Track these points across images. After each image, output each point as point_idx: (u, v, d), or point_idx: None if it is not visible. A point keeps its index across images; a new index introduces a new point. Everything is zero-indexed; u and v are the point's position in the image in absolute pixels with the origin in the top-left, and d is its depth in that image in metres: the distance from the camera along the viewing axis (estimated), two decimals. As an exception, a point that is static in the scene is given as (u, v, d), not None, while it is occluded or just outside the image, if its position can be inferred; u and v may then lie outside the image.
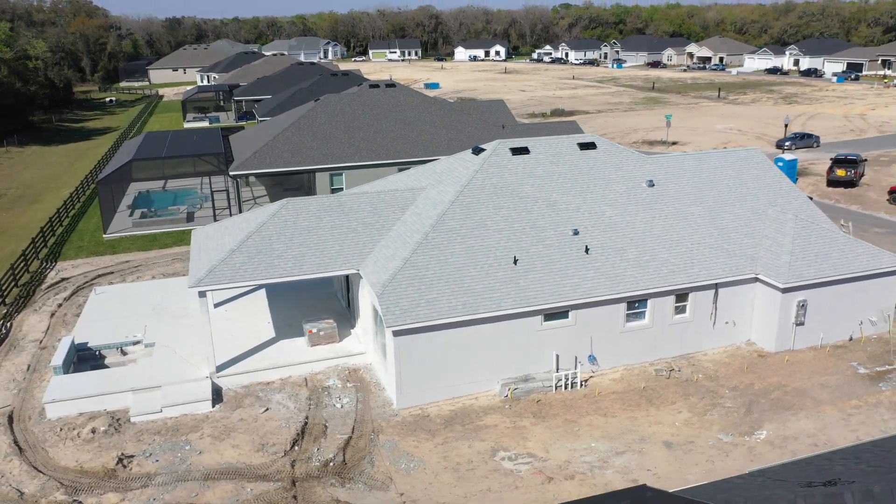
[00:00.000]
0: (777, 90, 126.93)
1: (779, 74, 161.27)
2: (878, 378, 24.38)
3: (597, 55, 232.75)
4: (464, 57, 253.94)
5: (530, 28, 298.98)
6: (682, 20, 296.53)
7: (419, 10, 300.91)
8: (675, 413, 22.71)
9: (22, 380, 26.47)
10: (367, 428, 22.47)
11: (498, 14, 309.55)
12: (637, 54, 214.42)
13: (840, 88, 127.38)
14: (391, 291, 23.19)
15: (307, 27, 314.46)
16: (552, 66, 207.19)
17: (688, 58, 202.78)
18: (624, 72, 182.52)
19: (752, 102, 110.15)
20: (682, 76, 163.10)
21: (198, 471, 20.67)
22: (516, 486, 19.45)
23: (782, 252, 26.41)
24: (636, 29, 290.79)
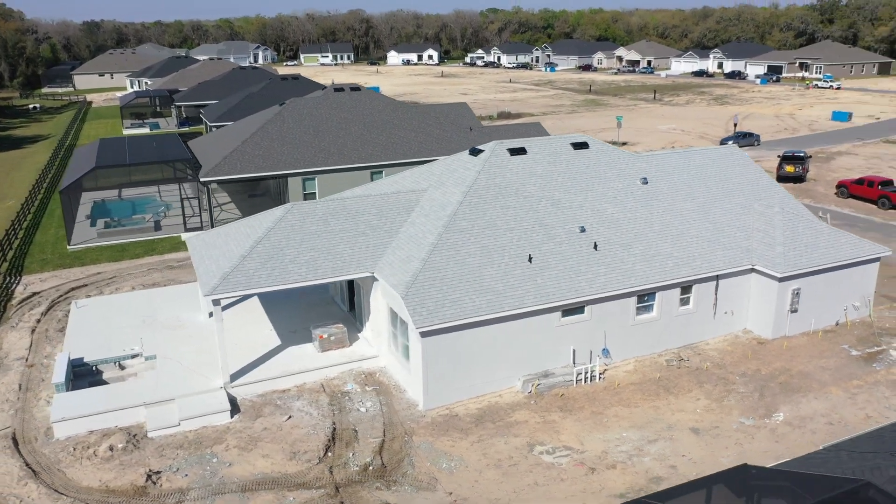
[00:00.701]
0: (707, 92, 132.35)
1: (705, 77, 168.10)
2: (871, 359, 25.96)
3: (529, 59, 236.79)
4: (397, 61, 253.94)
5: (461, 32, 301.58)
6: (608, 25, 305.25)
7: (349, 14, 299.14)
8: (693, 401, 23.57)
9: (16, 400, 25.12)
10: (399, 430, 22.40)
11: (428, 18, 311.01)
12: (568, 58, 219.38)
13: (765, 90, 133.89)
14: (415, 293, 23.20)
15: (234, 31, 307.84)
16: (487, 70, 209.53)
17: (617, 61, 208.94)
18: (558, 75, 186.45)
19: (687, 104, 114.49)
20: (615, 79, 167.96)
21: (232, 483, 20.17)
22: (561, 478, 19.82)
23: (775, 243, 27.79)
24: (564, 33, 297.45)
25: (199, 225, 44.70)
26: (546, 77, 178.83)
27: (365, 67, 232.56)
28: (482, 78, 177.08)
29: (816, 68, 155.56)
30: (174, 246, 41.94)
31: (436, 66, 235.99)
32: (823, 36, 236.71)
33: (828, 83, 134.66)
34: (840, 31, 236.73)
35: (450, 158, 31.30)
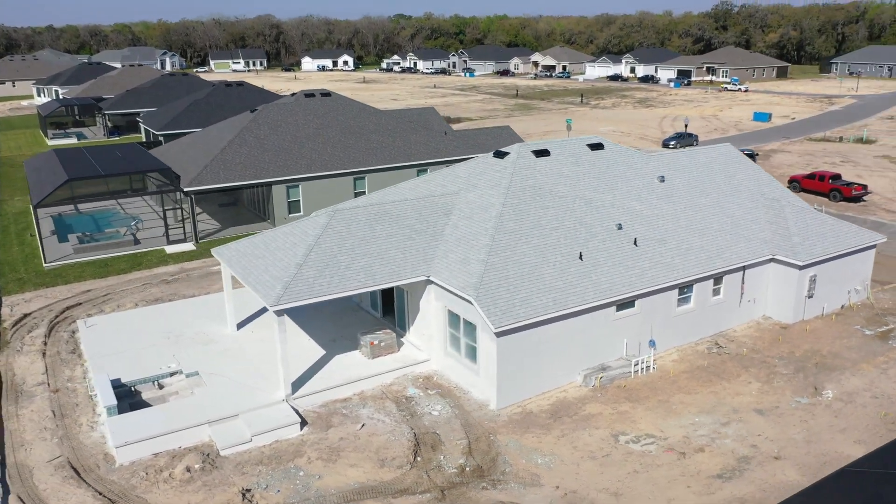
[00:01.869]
0: (629, 95, 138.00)
1: (620, 81, 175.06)
2: (885, 337, 28.22)
3: (446, 64, 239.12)
4: (312, 67, 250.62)
5: (373, 38, 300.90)
6: (517, 31, 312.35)
7: (258, 20, 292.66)
8: (745, 384, 24.94)
9: (55, 427, 23.57)
10: (479, 431, 22.56)
11: (340, 24, 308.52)
12: (485, 63, 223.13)
13: (681, 93, 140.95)
14: (484, 294, 23.44)
15: (135, 36, 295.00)
16: (407, 76, 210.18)
17: (533, 66, 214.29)
18: (479, 80, 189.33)
19: (613, 107, 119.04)
20: (537, 83, 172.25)
21: (331, 494, 19.78)
22: (656, 464, 20.59)
23: (790, 234, 29.73)
24: (476, 39, 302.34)
25: (183, 237, 42.96)
26: (468, 82, 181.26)
27: (280, 73, 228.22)
28: (405, 83, 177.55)
29: (723, 72, 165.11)
30: (161, 259, 40.15)
31: (353, 72, 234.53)
32: (719, 42, 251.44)
33: (736, 86, 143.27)
34: (734, 37, 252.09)
35: (473, 161, 31.63)
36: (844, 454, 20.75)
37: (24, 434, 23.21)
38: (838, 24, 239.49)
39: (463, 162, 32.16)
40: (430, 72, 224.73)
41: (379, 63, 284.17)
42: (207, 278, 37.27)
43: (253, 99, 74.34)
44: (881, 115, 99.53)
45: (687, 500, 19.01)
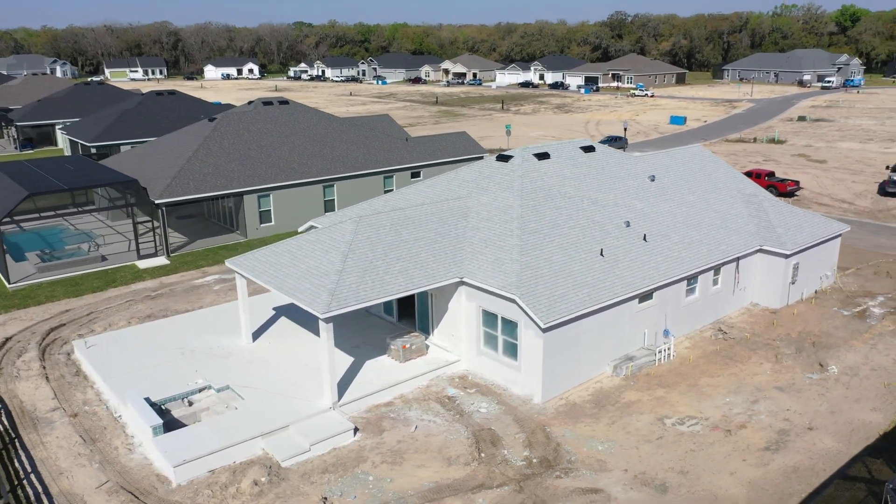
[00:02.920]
0: (545, 101, 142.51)
1: (531, 88, 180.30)
2: (862, 317, 31.10)
3: (355, 72, 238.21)
4: (216, 75, 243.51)
5: (277, 46, 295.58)
6: (422, 39, 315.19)
7: (155, 27, 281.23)
8: (758, 365, 26.91)
9: (90, 452, 22.46)
10: (532, 424, 23.29)
11: (241, 31, 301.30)
12: (395, 71, 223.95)
13: (594, 98, 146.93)
14: (526, 292, 24.22)
15: (18, 44, 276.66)
16: (319, 84, 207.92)
17: (444, 74, 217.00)
18: (392, 87, 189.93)
19: (534, 112, 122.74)
20: (452, 90, 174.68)
21: (410, 496, 19.98)
22: (710, 442, 22.00)
23: (773, 226, 32.21)
24: (381, 47, 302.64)
25: (154, 251, 41.29)
26: (383, 90, 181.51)
27: (183, 82, 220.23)
28: (319, 91, 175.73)
29: (627, 79, 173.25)
30: (136, 275, 38.49)
31: (260, 80, 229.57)
32: (616, 50, 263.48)
33: (643, 92, 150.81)
34: (629, 45, 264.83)
35: (476, 165, 32.35)
36: (866, 421, 22.90)
37: (58, 462, 21.98)
38: (724, 33, 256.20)
39: (465, 166, 32.82)
40: (340, 80, 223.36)
41: (284, 71, 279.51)
42: (193, 292, 36.10)
43: (187, 108, 72.04)
44: (781, 118, 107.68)
45: (746, 473, 20.49)
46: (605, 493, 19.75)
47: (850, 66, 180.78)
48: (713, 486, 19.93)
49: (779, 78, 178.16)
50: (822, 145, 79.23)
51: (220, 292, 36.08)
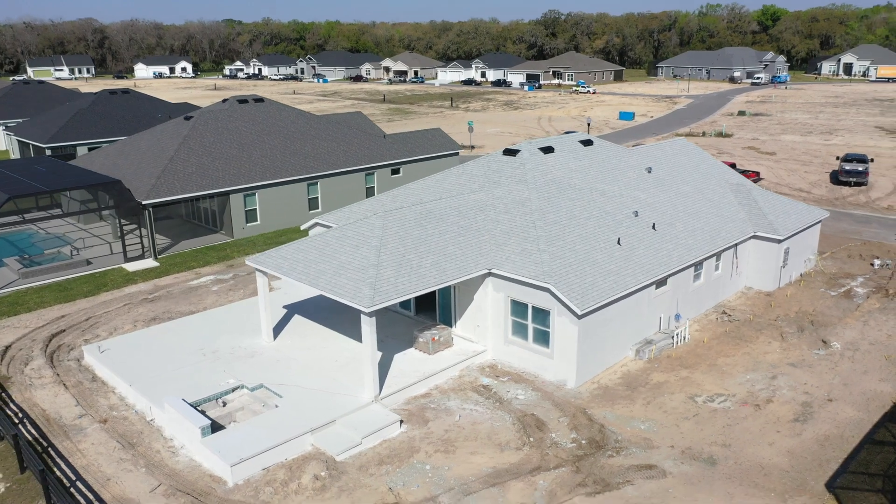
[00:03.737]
0: (492, 98, 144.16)
1: (474, 85, 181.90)
2: (848, 296, 33.20)
3: (293, 70, 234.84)
4: (147, 74, 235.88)
5: (209, 44, 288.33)
6: (358, 37, 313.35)
7: (79, 24, 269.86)
8: (767, 344, 28.45)
9: (132, 458, 21.98)
10: (571, 408, 24.04)
11: (171, 29, 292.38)
12: (335, 69, 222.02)
13: (538, 95, 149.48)
14: (559, 281, 24.96)
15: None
16: (259, 83, 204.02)
17: (384, 72, 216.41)
18: (334, 86, 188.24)
19: (483, 110, 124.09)
20: (397, 88, 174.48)
21: (472, 482, 20.42)
22: (743, 417, 23.23)
23: (764, 213, 33.98)
24: (317, 45, 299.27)
25: (141, 253, 40.16)
26: (325, 88, 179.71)
27: (112, 81, 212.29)
28: (261, 90, 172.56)
29: (568, 76, 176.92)
30: (126, 279, 37.42)
31: (195, 79, 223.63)
32: (551, 48, 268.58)
33: (585, 89, 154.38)
34: (563, 43, 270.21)
35: (483, 160, 32.89)
36: (878, 391, 24.63)
37: (102, 468, 21.43)
38: (654, 31, 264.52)
39: (471, 161, 33.31)
40: (279, 78, 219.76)
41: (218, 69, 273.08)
42: (193, 294, 35.39)
43: (144, 107, 69.96)
44: (721, 113, 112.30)
45: (783, 443, 21.79)
46: (659, 469, 20.67)
47: (776, 64, 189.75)
48: (756, 457, 21.12)
49: (710, 74, 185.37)
50: (766, 138, 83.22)
51: (219, 293, 35.49)
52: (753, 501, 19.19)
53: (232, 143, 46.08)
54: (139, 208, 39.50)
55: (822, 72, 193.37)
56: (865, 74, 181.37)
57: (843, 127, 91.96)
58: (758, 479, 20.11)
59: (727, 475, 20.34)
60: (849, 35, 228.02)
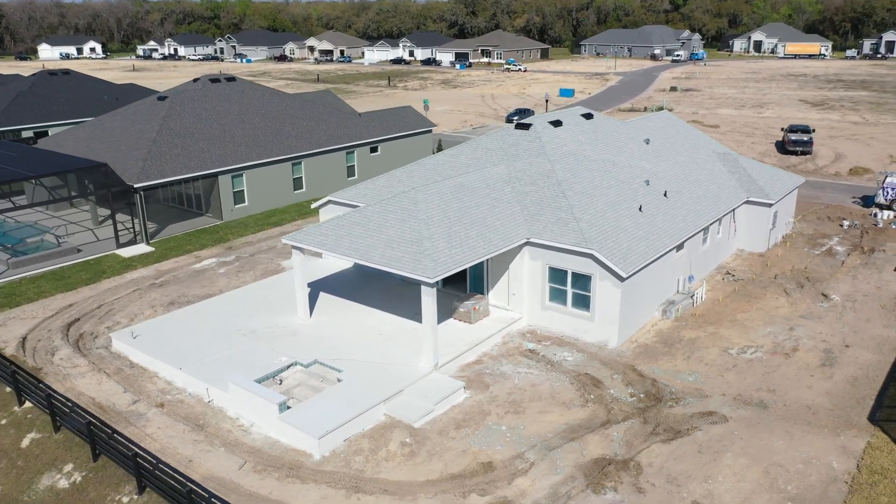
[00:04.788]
0: (428, 77, 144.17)
1: (404, 64, 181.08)
2: (830, 254, 36.03)
3: (211, 50, 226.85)
4: (53, 55, 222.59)
5: (116, 23, 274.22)
6: (275, 15, 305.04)
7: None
8: (774, 300, 30.70)
9: (205, 439, 21.90)
10: (620, 366, 25.41)
11: (73, 7, 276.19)
12: (257, 49, 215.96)
13: (473, 74, 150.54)
14: (601, 247, 26.19)
15: None
16: (178, 63, 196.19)
17: (309, 51, 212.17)
18: (259, 66, 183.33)
19: (422, 88, 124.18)
20: (327, 68, 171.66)
21: (552, 438, 21.46)
22: (776, 365, 25.22)
23: (753, 180, 36.30)
24: (233, 24, 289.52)
25: (133, 238, 38.88)
26: (251, 68, 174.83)
27: (18, 63, 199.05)
28: (183, 70, 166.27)
29: (497, 54, 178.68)
30: (124, 265, 36.26)
31: (107, 60, 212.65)
32: (471, 27, 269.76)
33: (516, 67, 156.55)
34: (484, 22, 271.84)
35: (497, 134, 33.64)
36: (885, 335, 27.18)
37: (179, 451, 21.27)
38: (573, 10, 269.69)
39: (483, 136, 34.00)
40: (197, 58, 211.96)
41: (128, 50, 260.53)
42: (202, 276, 34.74)
43: (88, 88, 66.74)
44: (654, 89, 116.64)
45: (819, 385, 23.88)
46: (719, 414, 22.32)
47: (693, 42, 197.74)
48: (801, 399, 23.10)
49: (632, 52, 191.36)
50: (705, 112, 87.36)
51: (228, 275, 34.97)
52: (811, 437, 21.10)
53: (212, 123, 44.95)
54: (130, 192, 38.18)
55: (734, 49, 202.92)
56: (774, 51, 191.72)
57: (771, 101, 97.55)
58: (808, 418, 22.06)
59: (780, 416, 22.20)
60: (755, 14, 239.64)
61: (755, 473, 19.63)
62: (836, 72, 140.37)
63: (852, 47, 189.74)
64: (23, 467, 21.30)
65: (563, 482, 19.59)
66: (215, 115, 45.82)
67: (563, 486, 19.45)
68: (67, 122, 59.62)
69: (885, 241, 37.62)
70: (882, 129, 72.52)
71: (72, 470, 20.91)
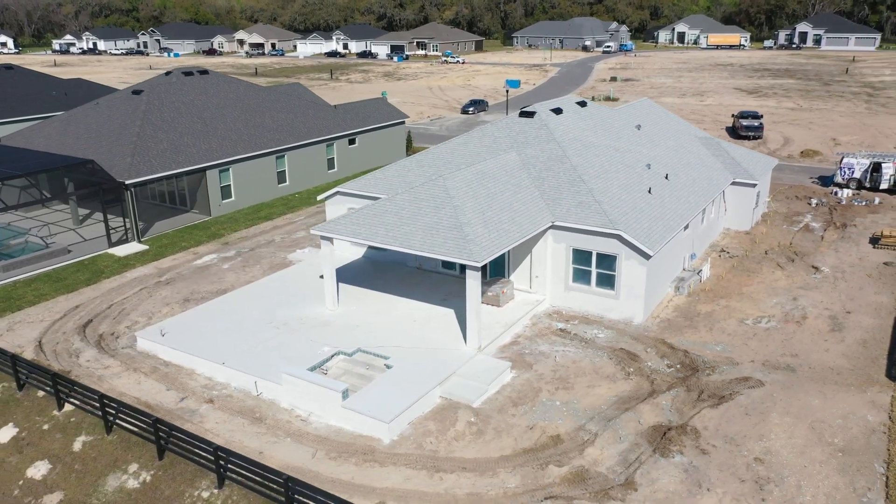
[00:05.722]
0: (368, 70, 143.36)
1: (339, 57, 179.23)
2: (808, 230, 38.50)
3: (134, 44, 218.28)
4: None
5: (27, 16, 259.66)
6: (197, 8, 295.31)
7: None
8: (771, 273, 32.70)
9: (266, 431, 21.89)
10: (649, 340, 26.68)
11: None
12: (183, 42, 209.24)
13: (414, 66, 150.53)
14: (626, 228, 27.36)
15: None
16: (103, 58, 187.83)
17: (238, 45, 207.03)
18: (189, 59, 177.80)
19: (365, 81, 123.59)
20: (261, 62, 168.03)
21: (607, 409, 22.48)
22: (793, 332, 27.04)
23: (737, 162, 38.36)
24: (153, 17, 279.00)
25: (125, 236, 37.69)
26: (181, 62, 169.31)
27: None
28: (110, 65, 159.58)
29: (433, 46, 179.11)
30: (122, 264, 35.22)
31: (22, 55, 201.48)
32: (400, 19, 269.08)
33: (454, 59, 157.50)
34: (413, 14, 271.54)
35: (502, 122, 34.36)
36: (879, 301, 29.48)
37: (245, 444, 21.21)
38: (500, 2, 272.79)
39: (488, 124, 34.64)
40: (121, 53, 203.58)
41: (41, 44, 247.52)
42: (208, 273, 34.14)
43: (33, 84, 63.80)
44: (595, 79, 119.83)
45: (834, 348, 25.79)
46: (754, 379, 23.86)
47: (620, 33, 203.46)
48: (823, 361, 24.93)
49: (564, 44, 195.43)
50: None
51: (234, 270, 34.49)
52: (842, 395, 22.88)
53: (193, 117, 43.92)
54: (120, 189, 37.02)
55: (659, 40, 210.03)
56: (697, 42, 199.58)
57: (709, 89, 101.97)
58: (834, 378, 23.87)
59: (809, 378, 23.93)
60: (675, 6, 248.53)
61: (802, 430, 21.20)
62: (759, 61, 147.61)
63: (768, 38, 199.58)
64: (81, 471, 20.76)
65: (630, 449, 20.64)
66: (195, 109, 44.76)
67: (631, 452, 20.50)
68: (17, 120, 56.77)
69: (854, 217, 40.49)
70: (818, 115, 77.17)
71: (138, 469, 20.53)
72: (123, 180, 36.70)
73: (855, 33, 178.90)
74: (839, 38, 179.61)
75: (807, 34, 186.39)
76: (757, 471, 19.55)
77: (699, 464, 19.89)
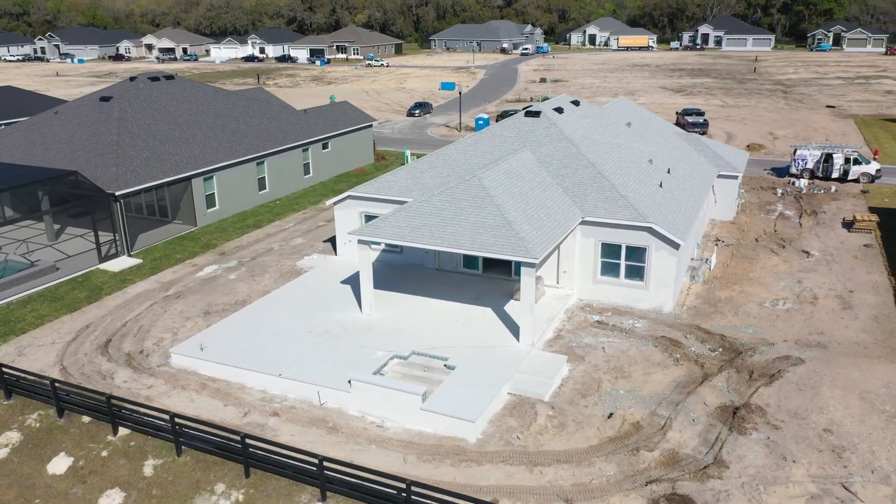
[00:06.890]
0: (294, 74, 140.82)
1: (257, 62, 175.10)
2: (784, 218, 41.03)
3: (30, 49, 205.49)
4: None
5: None
6: (94, 11, 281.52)
7: None
8: (769, 259, 34.72)
9: (346, 440, 21.51)
10: (684, 327, 27.82)
11: None
12: (87, 47, 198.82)
13: (338, 70, 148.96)
14: (656, 220, 28.43)
15: None
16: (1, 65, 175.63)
17: (147, 50, 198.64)
18: (98, 66, 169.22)
19: (294, 85, 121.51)
20: (178, 67, 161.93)
21: (670, 395, 23.38)
22: (809, 312, 28.85)
23: (719, 156, 40.43)
24: (46, 21, 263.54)
25: (114, 251, 35.71)
26: (92, 69, 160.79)
27: None
28: (11, 72, 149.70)
29: (353, 50, 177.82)
30: (119, 279, 33.43)
31: None
32: (311, 23, 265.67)
33: (378, 62, 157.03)
34: (324, 17, 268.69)
35: (510, 122, 34.82)
36: (874, 279, 31.88)
37: (330, 454, 20.74)
38: (412, 6, 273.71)
39: (497, 125, 35.05)
40: (17, 59, 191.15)
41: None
42: (216, 284, 32.92)
43: None
44: (525, 80, 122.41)
45: (853, 325, 27.75)
46: (794, 357, 25.38)
47: (535, 36, 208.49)
48: (847, 337, 26.79)
49: (481, 46, 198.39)
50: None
51: (243, 280, 33.40)
52: (877, 366, 24.70)
53: (169, 124, 42.11)
54: (107, 201, 35.09)
55: (571, 42, 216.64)
56: (607, 44, 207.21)
57: (637, 88, 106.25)
58: (863, 351, 25.73)
59: (841, 353, 25.68)
60: (583, 9, 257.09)
61: (854, 400, 22.77)
62: (671, 62, 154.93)
63: (673, 39, 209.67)
64: (161, 496, 19.71)
65: (706, 430, 21.57)
66: (169, 116, 42.93)
67: (709, 433, 21.43)
68: None
69: (820, 204, 43.49)
70: (747, 111, 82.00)
71: (226, 489, 19.69)
72: (113, 191, 34.81)
73: (752, 34, 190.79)
74: (738, 39, 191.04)
75: (708, 35, 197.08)
76: (829, 441, 20.88)
77: (776, 438, 21.04)
